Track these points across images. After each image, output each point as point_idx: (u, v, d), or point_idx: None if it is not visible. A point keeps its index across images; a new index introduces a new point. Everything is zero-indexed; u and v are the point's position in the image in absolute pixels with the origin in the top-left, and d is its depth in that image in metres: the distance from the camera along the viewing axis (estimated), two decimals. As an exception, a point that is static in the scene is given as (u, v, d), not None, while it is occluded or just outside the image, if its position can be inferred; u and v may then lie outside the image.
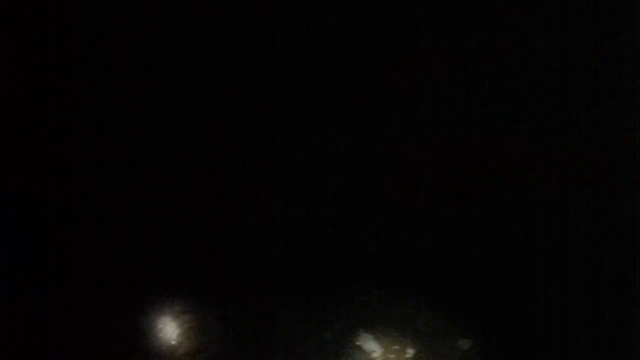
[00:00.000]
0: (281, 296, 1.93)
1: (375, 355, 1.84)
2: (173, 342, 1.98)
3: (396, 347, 1.87)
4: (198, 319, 1.98)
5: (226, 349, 1.90)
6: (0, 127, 1.98)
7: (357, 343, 1.86)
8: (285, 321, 1.91)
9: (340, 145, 1.98)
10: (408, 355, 1.86)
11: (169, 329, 2.02)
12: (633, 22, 1.89)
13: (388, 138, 1.97)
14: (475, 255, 1.91)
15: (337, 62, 1.98)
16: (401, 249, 1.93)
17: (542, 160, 1.91)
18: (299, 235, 1.95)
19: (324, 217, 1.96)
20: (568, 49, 1.90)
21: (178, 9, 1.98)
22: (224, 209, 1.98)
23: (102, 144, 2.00)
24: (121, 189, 1.99)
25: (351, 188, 1.96)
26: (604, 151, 1.89)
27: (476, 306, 1.90)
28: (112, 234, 1.98)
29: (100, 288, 1.97)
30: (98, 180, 1.99)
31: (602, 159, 1.89)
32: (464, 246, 1.92)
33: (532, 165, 1.92)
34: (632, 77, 1.88)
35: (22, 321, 1.96)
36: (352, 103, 1.97)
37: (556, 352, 1.87)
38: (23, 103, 2.00)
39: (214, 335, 1.93)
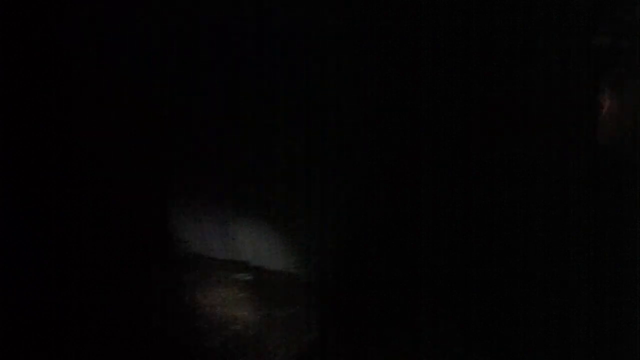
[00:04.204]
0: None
1: None
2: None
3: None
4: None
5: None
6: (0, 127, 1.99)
7: None
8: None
9: (339, 144, 1.98)
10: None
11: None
12: (633, 22, 1.89)
13: (387, 137, 1.97)
14: (476, 255, 1.92)
15: (336, 61, 1.98)
16: (401, 249, 1.94)
17: (542, 160, 1.92)
18: (298, 234, 1.96)
19: (323, 216, 1.96)
20: (568, 49, 1.91)
21: (178, 9, 1.99)
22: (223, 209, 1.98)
23: (102, 143, 2.00)
24: (120, 188, 2.00)
25: (351, 187, 1.97)
26: (604, 151, 1.90)
27: (476, 307, 1.91)
28: (111, 232, 1.99)
29: (99, 288, 1.97)
30: (98, 179, 2.00)
31: (602, 159, 1.90)
32: (464, 246, 1.92)
33: (533, 165, 1.92)
34: (632, 78, 1.89)
35: (21, 321, 1.96)
36: (351, 102, 1.98)
37: (556, 352, 1.87)
38: (23, 103, 2.01)
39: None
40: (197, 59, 1.98)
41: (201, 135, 1.98)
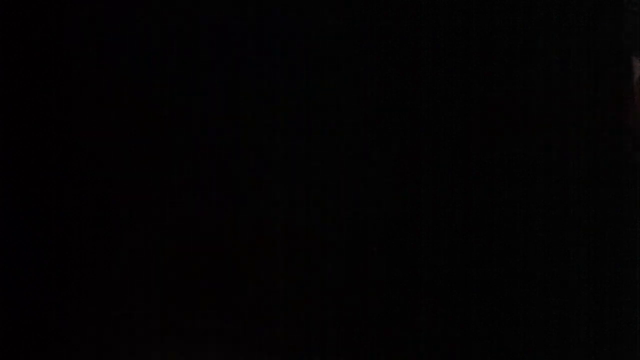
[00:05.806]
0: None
1: None
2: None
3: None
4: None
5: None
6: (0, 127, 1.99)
7: None
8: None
9: (339, 143, 1.98)
10: None
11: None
12: (633, 21, 1.89)
13: (387, 137, 1.97)
14: (475, 255, 1.92)
15: (336, 61, 1.98)
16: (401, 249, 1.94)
17: (542, 160, 1.92)
18: (298, 235, 1.96)
19: (323, 217, 1.96)
20: (568, 49, 1.91)
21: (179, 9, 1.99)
22: (223, 209, 1.98)
23: (102, 143, 2.00)
24: (121, 189, 2.00)
25: (350, 187, 1.97)
26: (604, 151, 1.90)
27: (476, 306, 1.91)
28: (111, 233, 1.99)
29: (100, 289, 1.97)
30: (98, 179, 2.00)
31: (601, 159, 1.90)
32: (464, 246, 1.92)
33: (533, 165, 1.92)
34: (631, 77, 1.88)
35: (21, 321, 1.96)
36: (350, 102, 1.98)
37: (556, 352, 1.87)
38: (23, 103, 2.01)
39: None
40: (197, 59, 1.99)
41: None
